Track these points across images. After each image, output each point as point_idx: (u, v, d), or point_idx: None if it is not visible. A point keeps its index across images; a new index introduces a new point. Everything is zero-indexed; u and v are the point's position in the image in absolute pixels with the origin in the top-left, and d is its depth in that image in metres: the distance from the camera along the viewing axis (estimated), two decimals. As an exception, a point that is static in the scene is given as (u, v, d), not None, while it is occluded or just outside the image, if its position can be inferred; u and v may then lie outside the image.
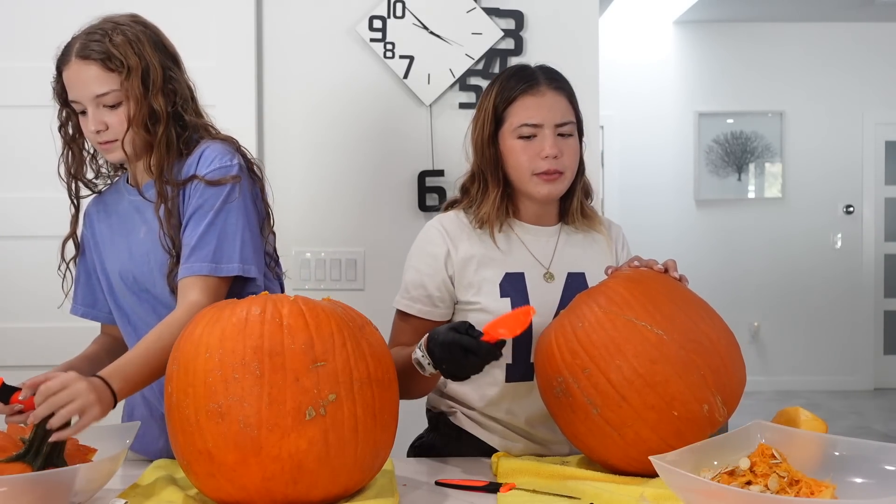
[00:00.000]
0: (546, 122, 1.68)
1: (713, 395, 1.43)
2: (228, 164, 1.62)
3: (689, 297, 1.53)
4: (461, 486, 1.49)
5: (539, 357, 1.55)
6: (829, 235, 6.61)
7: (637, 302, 1.46)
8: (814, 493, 1.22)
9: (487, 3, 2.59)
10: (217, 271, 1.58)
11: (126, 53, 1.57)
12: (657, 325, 1.43)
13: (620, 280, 1.53)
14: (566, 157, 1.70)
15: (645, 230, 6.32)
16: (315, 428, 1.27)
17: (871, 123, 6.56)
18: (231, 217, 1.60)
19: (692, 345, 1.44)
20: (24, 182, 2.53)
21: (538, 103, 1.69)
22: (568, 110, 1.72)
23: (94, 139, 1.62)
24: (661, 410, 1.41)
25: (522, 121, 1.69)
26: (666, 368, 1.41)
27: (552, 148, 1.67)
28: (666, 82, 6.57)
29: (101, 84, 1.57)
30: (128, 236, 1.69)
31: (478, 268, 1.71)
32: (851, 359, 6.65)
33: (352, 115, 2.61)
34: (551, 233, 1.78)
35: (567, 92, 1.74)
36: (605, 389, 1.43)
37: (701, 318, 1.49)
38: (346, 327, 1.36)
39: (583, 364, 1.45)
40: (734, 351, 1.50)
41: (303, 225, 2.60)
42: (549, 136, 1.68)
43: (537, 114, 1.69)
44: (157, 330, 1.52)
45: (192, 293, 1.56)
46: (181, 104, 1.64)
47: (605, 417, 1.44)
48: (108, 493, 1.42)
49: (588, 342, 1.45)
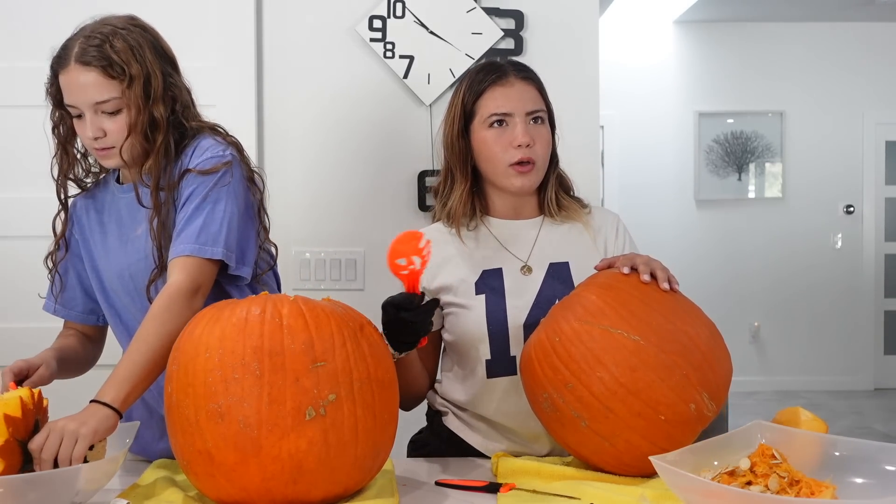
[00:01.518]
0: (516, 111, 1.69)
1: (698, 393, 1.42)
2: (221, 154, 1.61)
3: (662, 296, 1.49)
4: (461, 486, 1.49)
5: (523, 374, 1.55)
6: (830, 235, 6.61)
7: (611, 309, 1.45)
8: (814, 494, 1.22)
9: (487, 3, 2.59)
10: (201, 252, 1.55)
11: (128, 61, 1.55)
12: (633, 331, 1.42)
13: (593, 288, 1.51)
14: (538, 146, 1.70)
15: (645, 230, 6.32)
16: (315, 428, 1.27)
17: (871, 123, 6.56)
18: (220, 202, 1.58)
19: (671, 345, 1.42)
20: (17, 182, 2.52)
21: (507, 93, 1.70)
22: (538, 99, 1.73)
23: (92, 145, 1.60)
24: (648, 417, 1.40)
25: (492, 111, 1.69)
26: (647, 374, 1.40)
27: (524, 136, 1.67)
28: (666, 82, 6.57)
29: (100, 91, 1.55)
30: (123, 235, 1.68)
31: (454, 269, 1.73)
32: (851, 359, 6.65)
33: (352, 115, 2.61)
34: (531, 225, 1.77)
35: (535, 82, 1.75)
36: (589, 402, 1.42)
37: (677, 317, 1.47)
38: (346, 327, 1.35)
39: (565, 379, 1.44)
40: (716, 343, 1.48)
41: (303, 225, 2.59)
42: (521, 123, 1.69)
43: (506, 103, 1.69)
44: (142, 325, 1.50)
45: (172, 274, 1.54)
46: (181, 110, 1.63)
47: (595, 429, 1.43)
48: (108, 493, 1.41)
49: (567, 356, 1.44)
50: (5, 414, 1.31)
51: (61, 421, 1.35)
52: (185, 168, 1.60)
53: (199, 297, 1.54)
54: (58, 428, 1.33)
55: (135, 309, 1.68)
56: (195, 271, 1.55)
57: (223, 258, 1.57)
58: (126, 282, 1.67)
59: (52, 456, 1.32)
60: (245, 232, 1.63)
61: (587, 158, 2.58)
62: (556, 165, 1.79)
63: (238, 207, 1.61)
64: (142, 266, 1.65)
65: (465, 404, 1.76)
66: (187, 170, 1.60)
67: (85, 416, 1.36)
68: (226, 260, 1.58)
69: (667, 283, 1.50)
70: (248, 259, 1.64)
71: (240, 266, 1.61)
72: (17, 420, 1.33)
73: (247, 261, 1.64)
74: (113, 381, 1.43)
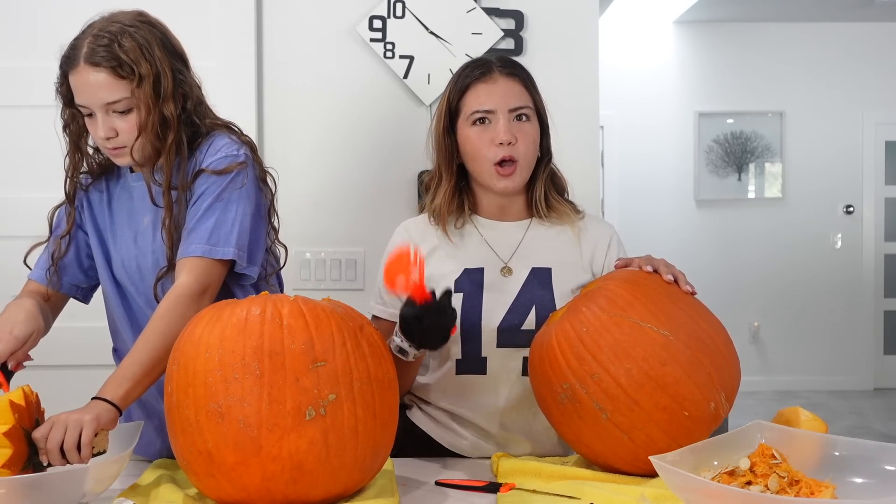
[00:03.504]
0: (499, 108, 1.67)
1: (718, 393, 1.44)
2: (235, 153, 1.61)
3: (685, 296, 1.53)
4: (461, 486, 1.49)
5: (540, 364, 1.52)
6: (829, 235, 6.61)
7: (639, 303, 1.46)
8: (814, 493, 1.22)
9: (487, 3, 2.59)
10: (212, 253, 1.56)
11: (137, 60, 1.53)
12: (662, 327, 1.43)
13: (618, 282, 1.52)
14: (521, 144, 1.68)
15: (645, 230, 6.33)
16: (315, 428, 1.27)
17: (871, 123, 6.56)
18: (232, 203, 1.59)
19: (696, 344, 1.44)
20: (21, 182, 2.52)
21: (490, 90, 1.68)
22: (523, 95, 1.70)
23: (104, 144, 1.59)
24: (672, 411, 1.41)
25: (475, 108, 1.68)
26: (675, 370, 1.41)
27: (506, 133, 1.66)
28: (666, 82, 6.56)
29: (111, 91, 1.53)
30: (133, 224, 1.67)
31: (437, 262, 1.72)
32: (851, 359, 6.64)
33: (352, 115, 2.61)
34: (517, 227, 1.76)
35: (522, 78, 1.72)
36: (615, 393, 1.42)
37: (700, 316, 1.50)
38: (346, 327, 1.36)
39: (591, 370, 1.44)
40: (731, 347, 1.52)
41: (302, 225, 2.59)
42: (503, 120, 1.67)
43: (489, 99, 1.68)
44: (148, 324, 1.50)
45: (181, 275, 1.55)
46: (192, 108, 1.62)
47: (615, 421, 1.43)
48: (108, 493, 1.41)
49: (595, 347, 1.44)
50: (10, 400, 1.33)
51: (63, 414, 1.37)
52: (198, 167, 1.60)
53: (206, 298, 1.55)
54: (60, 419, 1.35)
55: (142, 301, 1.68)
56: (203, 273, 1.55)
57: (234, 258, 1.58)
58: (132, 272, 1.67)
59: (57, 444, 1.33)
60: (255, 232, 1.63)
61: (587, 159, 2.58)
62: (548, 164, 1.76)
63: (250, 208, 1.61)
64: (148, 260, 1.65)
65: (436, 400, 1.75)
66: (201, 169, 1.60)
67: (86, 409, 1.39)
68: (237, 259, 1.59)
69: (688, 286, 1.54)
70: (256, 259, 1.65)
71: (248, 266, 1.62)
72: (22, 408, 1.35)
73: (255, 260, 1.64)
74: (114, 379, 1.44)
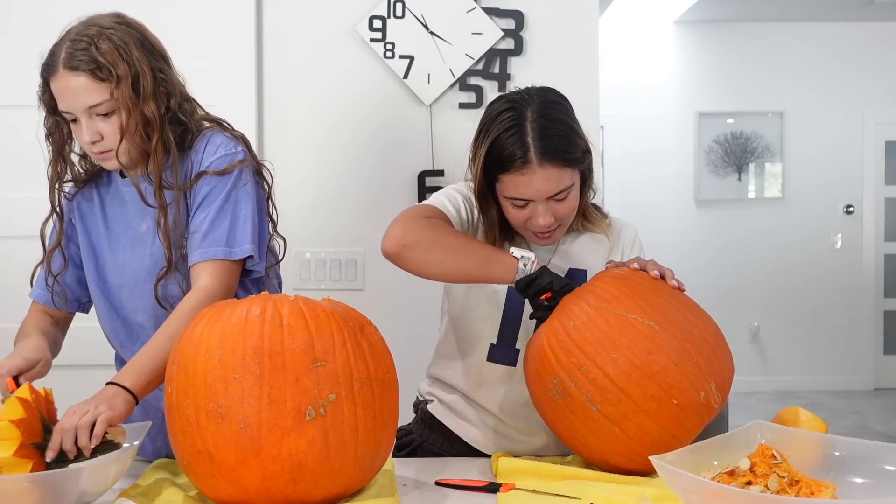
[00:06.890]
0: (538, 198, 1.59)
1: (707, 382, 1.45)
2: (234, 151, 1.62)
3: (672, 290, 1.54)
4: (461, 486, 1.49)
5: (531, 362, 1.54)
6: (829, 235, 6.61)
7: (625, 297, 1.47)
8: (814, 494, 1.22)
9: (487, 3, 2.59)
10: (231, 255, 1.58)
11: (115, 62, 1.52)
12: (648, 317, 1.45)
13: (606, 278, 1.54)
14: (561, 214, 1.63)
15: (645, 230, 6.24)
16: (315, 428, 1.27)
17: (871, 123, 6.56)
18: (241, 202, 1.60)
19: (683, 334, 1.45)
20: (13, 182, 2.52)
21: (528, 181, 1.57)
22: (562, 178, 1.58)
23: (90, 149, 1.59)
24: (660, 400, 1.42)
25: (511, 193, 1.60)
26: (661, 358, 1.42)
27: (545, 220, 1.61)
28: (666, 82, 6.57)
29: (91, 95, 1.53)
30: (129, 230, 1.67)
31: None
32: (851, 359, 6.64)
33: (352, 115, 2.61)
34: None
35: (563, 159, 1.57)
36: (603, 385, 1.43)
37: (686, 309, 1.51)
38: (346, 327, 1.36)
39: (578, 362, 1.45)
40: (721, 340, 1.52)
41: (303, 225, 2.60)
42: (541, 207, 1.60)
43: (526, 190, 1.58)
44: (169, 320, 1.52)
45: (202, 277, 1.56)
46: (176, 104, 1.61)
47: (605, 413, 1.44)
48: (108, 493, 1.41)
49: (581, 339, 1.45)
50: (10, 420, 1.32)
51: (70, 409, 1.37)
52: (200, 168, 1.61)
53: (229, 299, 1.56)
54: (66, 427, 1.35)
55: (137, 305, 1.67)
56: (227, 275, 1.57)
57: (252, 254, 1.60)
58: (128, 277, 1.67)
59: (72, 453, 1.35)
60: (261, 228, 1.65)
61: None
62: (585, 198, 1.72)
63: (255, 205, 1.63)
64: (147, 263, 1.64)
65: (456, 385, 1.76)
66: (203, 171, 1.60)
67: (100, 398, 1.39)
68: (255, 256, 1.60)
69: (675, 281, 1.55)
70: (263, 254, 1.67)
71: (259, 262, 1.64)
72: (24, 420, 1.34)
73: (263, 256, 1.66)
74: (133, 368, 1.45)
